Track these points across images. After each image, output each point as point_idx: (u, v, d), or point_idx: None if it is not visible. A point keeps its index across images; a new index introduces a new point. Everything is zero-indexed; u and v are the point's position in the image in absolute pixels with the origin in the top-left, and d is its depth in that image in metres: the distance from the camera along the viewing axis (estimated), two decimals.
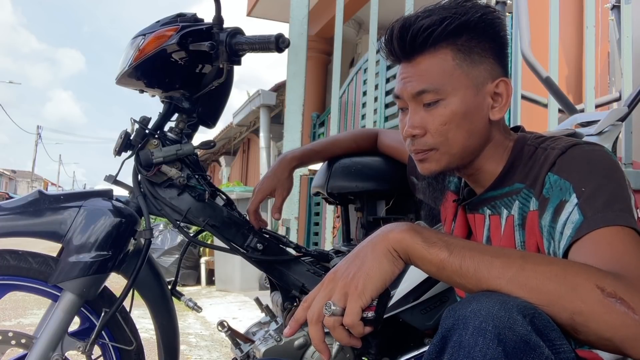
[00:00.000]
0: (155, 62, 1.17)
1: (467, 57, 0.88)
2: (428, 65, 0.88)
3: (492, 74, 0.91)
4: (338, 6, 2.82)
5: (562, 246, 0.76)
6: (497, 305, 0.62)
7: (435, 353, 0.65)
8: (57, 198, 1.17)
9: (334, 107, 3.02)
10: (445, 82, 0.87)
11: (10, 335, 1.13)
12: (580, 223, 0.74)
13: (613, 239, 0.72)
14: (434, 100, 0.88)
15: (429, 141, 0.89)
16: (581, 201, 0.76)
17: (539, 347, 0.60)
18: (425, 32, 0.87)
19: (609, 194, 0.76)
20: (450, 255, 0.68)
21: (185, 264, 5.95)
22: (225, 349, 3.11)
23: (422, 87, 0.88)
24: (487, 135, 0.91)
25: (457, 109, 0.87)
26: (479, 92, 0.89)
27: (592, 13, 2.40)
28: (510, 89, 0.92)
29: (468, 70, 0.88)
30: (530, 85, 2.57)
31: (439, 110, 0.88)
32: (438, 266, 0.69)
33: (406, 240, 0.70)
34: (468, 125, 0.88)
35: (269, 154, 7.93)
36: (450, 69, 0.88)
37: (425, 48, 0.88)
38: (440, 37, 0.87)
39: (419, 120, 0.89)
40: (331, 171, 1.32)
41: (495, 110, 0.91)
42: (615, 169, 0.80)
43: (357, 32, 6.93)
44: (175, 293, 1.29)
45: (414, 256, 0.70)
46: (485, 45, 0.90)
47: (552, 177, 0.82)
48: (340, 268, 0.72)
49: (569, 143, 0.84)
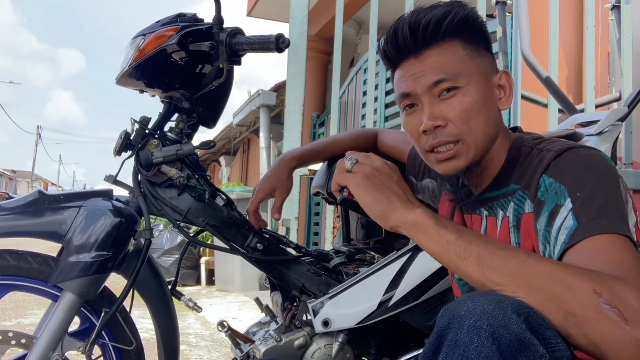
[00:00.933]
0: (155, 62, 1.17)
1: (474, 48, 0.90)
2: (438, 57, 0.88)
3: (494, 66, 0.93)
4: (338, 6, 2.82)
5: (557, 252, 0.76)
6: (491, 304, 0.62)
7: (431, 352, 0.66)
8: (57, 198, 1.17)
9: (334, 107, 3.02)
10: (461, 70, 0.87)
11: (10, 335, 1.13)
12: (574, 229, 0.74)
13: (608, 246, 0.72)
14: (453, 87, 0.87)
15: (453, 131, 0.87)
16: (575, 207, 0.76)
17: (534, 346, 0.60)
18: (436, 24, 0.87)
19: (604, 200, 0.76)
20: (458, 238, 0.72)
21: (185, 264, 5.95)
22: (225, 349, 3.11)
23: (440, 77, 0.87)
24: (498, 127, 0.92)
25: (475, 96, 0.87)
26: (488, 82, 0.90)
27: (592, 13, 2.40)
28: (512, 80, 0.93)
29: (478, 60, 0.90)
30: (530, 85, 2.57)
31: (458, 98, 0.87)
32: (443, 247, 0.74)
33: (420, 217, 0.77)
34: (486, 113, 0.88)
35: (269, 154, 7.93)
36: (463, 58, 0.88)
37: (434, 41, 0.88)
38: (449, 29, 0.88)
39: (439, 111, 0.87)
40: (331, 171, 1.32)
41: (502, 100, 0.92)
42: (611, 174, 0.79)
43: (357, 32, 6.93)
44: (175, 293, 1.29)
45: (421, 231, 0.77)
46: (482, 40, 0.92)
47: (547, 179, 0.81)
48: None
49: (565, 146, 0.84)
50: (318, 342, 1.17)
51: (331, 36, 3.19)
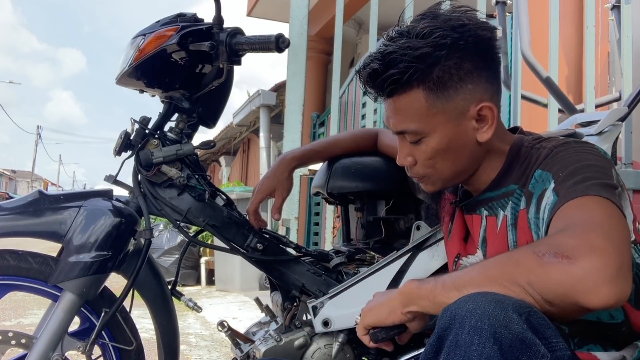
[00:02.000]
0: (155, 62, 1.17)
1: (441, 93, 0.88)
2: (403, 104, 0.90)
3: (474, 97, 0.89)
4: (338, 6, 2.82)
5: (543, 231, 0.77)
6: (492, 304, 0.62)
7: (432, 352, 0.66)
8: (57, 198, 1.17)
9: (334, 107, 3.02)
10: (422, 123, 0.89)
11: (10, 335, 1.13)
12: (553, 204, 0.76)
13: (579, 205, 0.72)
14: (415, 140, 0.91)
15: (419, 171, 0.95)
16: (556, 184, 0.77)
17: (535, 345, 0.60)
18: (392, 82, 0.88)
19: (584, 174, 0.76)
20: (436, 283, 0.76)
21: (185, 264, 5.95)
22: (225, 349, 3.11)
23: (402, 129, 0.92)
24: (479, 155, 0.92)
25: (438, 145, 0.90)
26: (460, 122, 0.89)
27: (592, 13, 2.40)
28: (495, 112, 0.90)
29: (443, 107, 0.88)
30: (530, 85, 2.57)
31: (422, 147, 0.92)
32: (431, 298, 0.76)
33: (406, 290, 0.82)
34: (453, 155, 0.91)
35: (269, 154, 7.93)
36: (424, 110, 0.89)
37: (396, 92, 0.90)
38: (408, 84, 0.88)
39: (407, 152, 0.94)
40: (331, 171, 1.32)
41: (482, 132, 0.90)
42: (600, 160, 0.79)
43: (357, 32, 6.93)
44: (175, 293, 1.29)
45: (411, 298, 0.80)
46: (467, 67, 0.88)
47: (537, 172, 0.83)
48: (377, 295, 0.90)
49: (560, 142, 0.85)
50: (318, 342, 1.17)
51: (331, 36, 3.18)
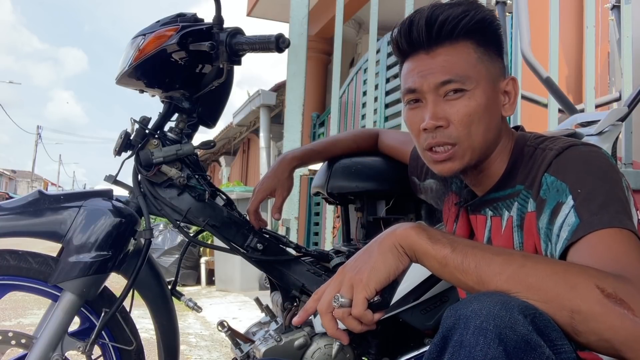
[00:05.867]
0: (155, 62, 1.17)
1: (486, 51, 0.90)
2: (449, 56, 0.88)
3: (502, 71, 0.92)
4: (338, 6, 2.82)
5: (559, 249, 0.75)
6: (498, 305, 0.62)
7: (436, 352, 0.65)
8: (57, 198, 1.17)
9: (334, 107, 3.02)
10: (470, 73, 0.87)
11: (10, 335, 1.13)
12: (576, 226, 0.74)
13: (610, 241, 0.71)
14: (459, 89, 0.87)
15: (452, 133, 0.88)
16: (577, 203, 0.76)
17: (540, 347, 0.60)
18: (453, 22, 0.87)
19: (605, 195, 0.76)
20: (453, 251, 0.69)
21: (185, 264, 5.95)
22: (225, 349, 3.11)
23: (448, 77, 0.87)
24: (500, 133, 0.92)
25: (480, 101, 0.87)
26: (495, 88, 0.90)
27: (592, 13, 2.40)
28: (518, 88, 0.93)
29: (488, 64, 0.89)
30: (530, 85, 2.57)
31: (464, 101, 0.87)
32: (441, 262, 0.70)
33: (412, 236, 0.72)
34: (488, 119, 0.89)
35: (269, 154, 7.93)
36: (474, 61, 0.88)
37: (448, 39, 0.88)
38: (464, 29, 0.87)
39: (442, 111, 0.88)
40: (331, 171, 1.32)
41: (507, 107, 0.92)
42: (611, 170, 0.80)
43: (357, 32, 6.93)
44: (175, 293, 1.29)
45: (419, 252, 0.71)
46: (495, 44, 0.92)
47: (548, 178, 0.81)
48: (349, 263, 0.76)
49: (566, 144, 0.84)
50: (318, 342, 1.17)
51: (331, 36, 3.19)
